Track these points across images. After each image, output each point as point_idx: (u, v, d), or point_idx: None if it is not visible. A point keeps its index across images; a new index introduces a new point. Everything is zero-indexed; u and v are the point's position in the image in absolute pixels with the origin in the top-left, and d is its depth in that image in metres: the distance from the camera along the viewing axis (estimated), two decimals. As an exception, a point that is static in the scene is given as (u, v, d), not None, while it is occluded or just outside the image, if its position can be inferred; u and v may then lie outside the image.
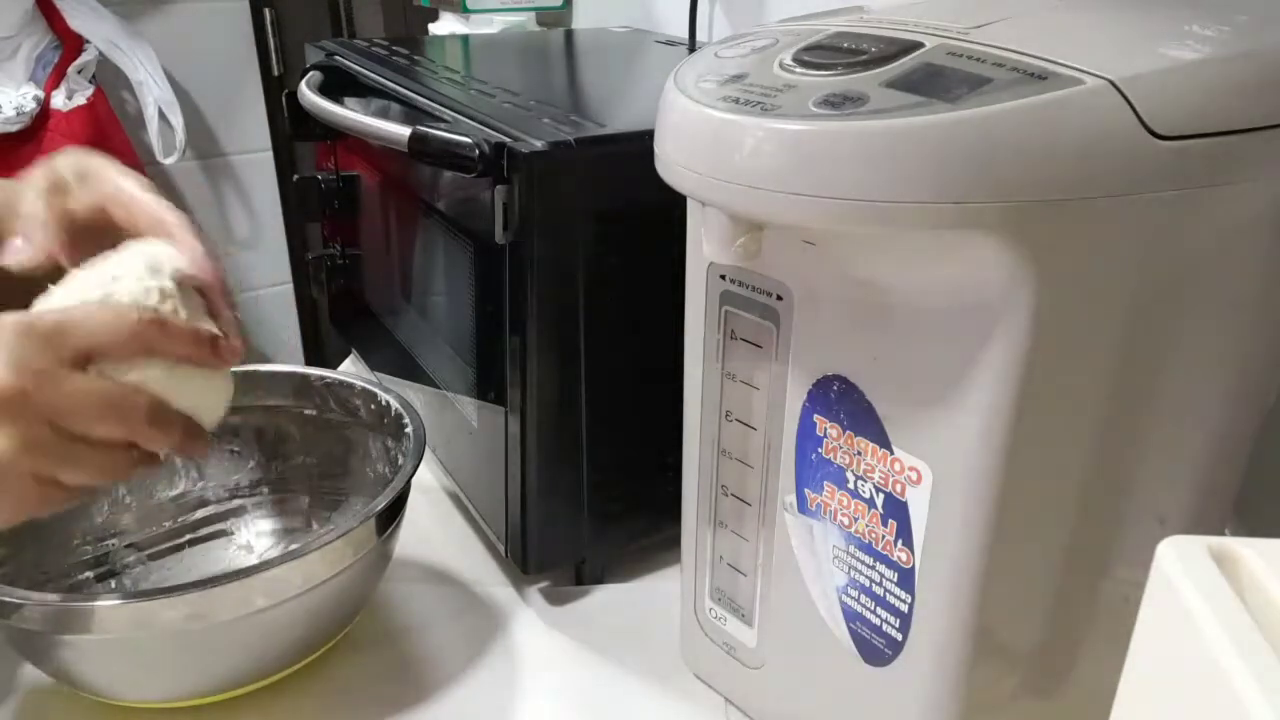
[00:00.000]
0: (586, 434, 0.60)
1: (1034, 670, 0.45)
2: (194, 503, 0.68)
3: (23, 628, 0.48)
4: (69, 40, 1.58)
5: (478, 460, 0.66)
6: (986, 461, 0.38)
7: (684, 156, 0.39)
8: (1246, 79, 0.36)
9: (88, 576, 0.63)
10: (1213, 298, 0.39)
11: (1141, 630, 0.25)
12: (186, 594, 0.48)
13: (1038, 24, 0.40)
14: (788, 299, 0.44)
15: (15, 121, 1.46)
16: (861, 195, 0.34)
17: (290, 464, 0.69)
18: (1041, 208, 0.34)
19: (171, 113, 1.68)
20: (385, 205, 0.77)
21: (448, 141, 0.55)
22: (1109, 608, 0.44)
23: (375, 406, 0.65)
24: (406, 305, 0.77)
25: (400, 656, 0.61)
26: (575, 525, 0.63)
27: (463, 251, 0.63)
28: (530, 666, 0.60)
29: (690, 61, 0.43)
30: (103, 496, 0.65)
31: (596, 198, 0.55)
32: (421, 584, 0.67)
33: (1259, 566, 0.24)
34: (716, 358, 0.49)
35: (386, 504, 0.55)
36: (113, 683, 0.53)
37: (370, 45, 0.85)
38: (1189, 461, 0.43)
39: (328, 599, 0.53)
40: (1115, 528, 0.43)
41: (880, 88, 0.35)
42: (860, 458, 0.43)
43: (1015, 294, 0.36)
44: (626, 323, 0.59)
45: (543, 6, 1.16)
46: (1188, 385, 0.41)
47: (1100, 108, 0.33)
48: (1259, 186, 0.37)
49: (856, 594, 0.46)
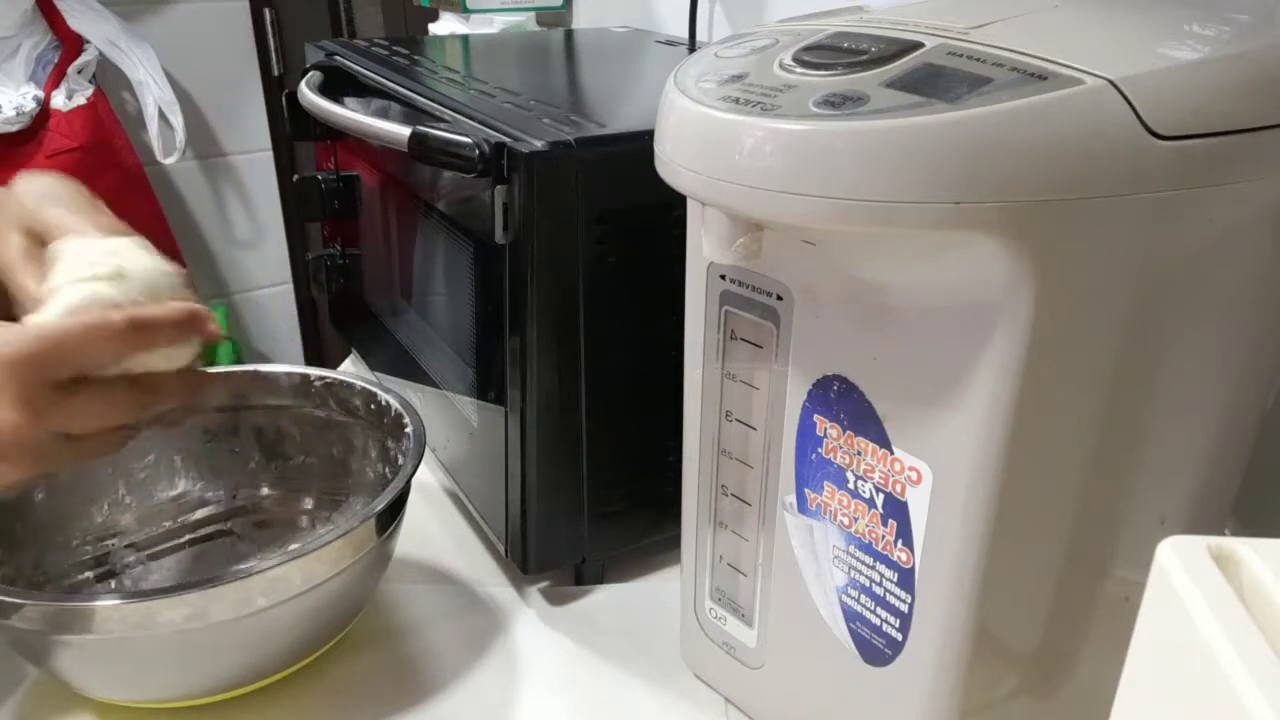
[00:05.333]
0: (586, 434, 0.60)
1: (1034, 670, 0.45)
2: (194, 503, 0.68)
3: (23, 628, 0.48)
4: (69, 40, 1.58)
5: (478, 460, 0.66)
6: (986, 461, 0.38)
7: (684, 156, 0.39)
8: (1246, 79, 0.36)
9: (88, 576, 0.63)
10: (1213, 298, 0.39)
11: (1141, 630, 0.25)
12: (186, 594, 0.48)
13: (1038, 24, 0.40)
14: (788, 299, 0.44)
15: (15, 121, 1.46)
16: (861, 195, 0.34)
17: (290, 464, 0.69)
18: (1041, 208, 0.34)
19: (171, 113, 1.68)
20: (385, 205, 0.77)
21: (448, 141, 0.55)
22: (1109, 608, 0.44)
23: (375, 406, 0.65)
24: (406, 305, 0.77)
25: (400, 656, 0.61)
26: (575, 525, 0.63)
27: (463, 251, 0.63)
28: (530, 666, 0.60)
29: (690, 61, 0.43)
30: (103, 496, 0.65)
31: (596, 198, 0.55)
32: (421, 584, 0.67)
33: (1259, 566, 0.24)
34: (716, 358, 0.49)
35: (386, 504, 0.55)
36: (113, 683, 0.53)
37: (370, 45, 0.85)
38: (1189, 461, 0.43)
39: (328, 599, 0.53)
40: (1115, 528, 0.43)
41: (880, 88, 0.35)
42: (860, 458, 0.43)
43: (1015, 294, 0.36)
44: (626, 323, 0.59)
45: (543, 6, 1.16)
46: (1188, 385, 0.41)
47: (1100, 108, 0.33)
48: (1259, 186, 0.37)
49: (856, 594, 0.46)
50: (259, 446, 0.69)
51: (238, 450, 0.68)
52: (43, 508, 0.62)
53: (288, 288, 2.05)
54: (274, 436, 0.68)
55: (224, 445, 0.68)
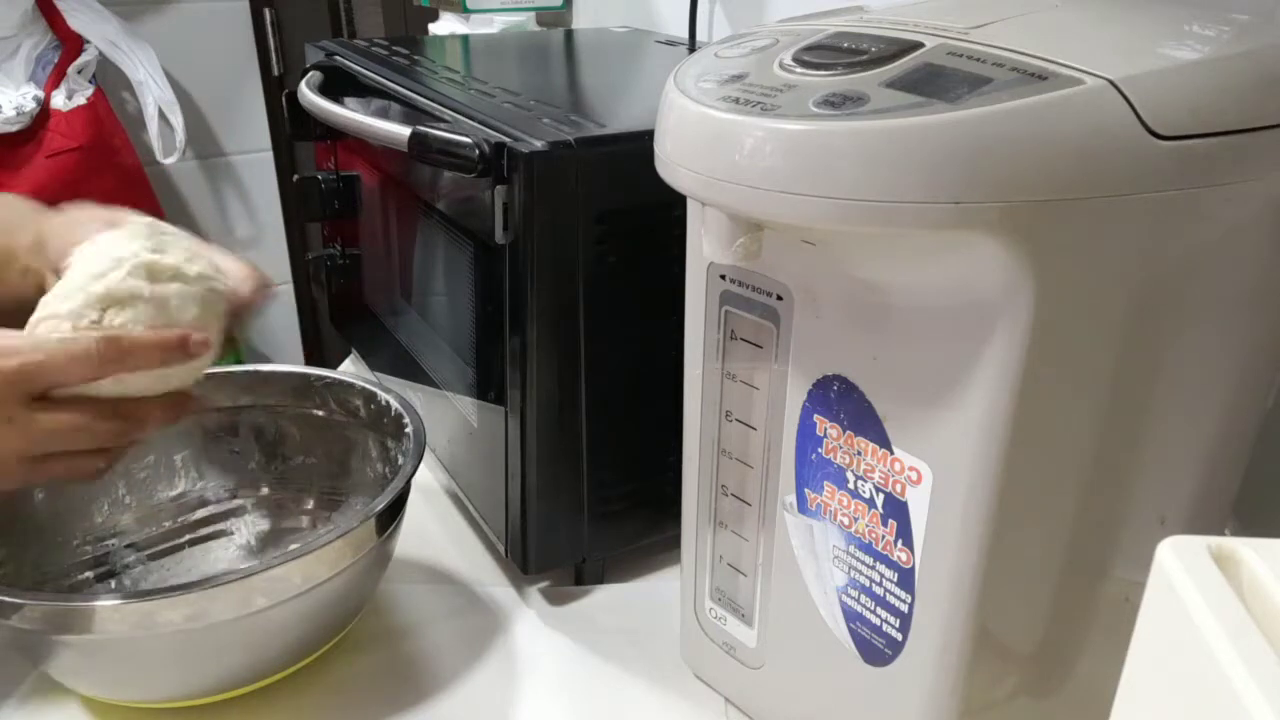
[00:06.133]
0: (586, 434, 0.60)
1: (1034, 670, 0.45)
2: (194, 503, 0.68)
3: (23, 628, 0.48)
4: (69, 40, 1.58)
5: (478, 460, 0.66)
6: (986, 461, 0.38)
7: (684, 156, 0.39)
8: (1246, 79, 0.36)
9: (88, 576, 0.63)
10: (1212, 298, 0.39)
11: (1141, 630, 0.25)
12: (186, 594, 0.48)
13: (1038, 24, 0.40)
14: (788, 299, 0.44)
15: (15, 121, 1.46)
16: (861, 195, 0.34)
17: (290, 464, 0.69)
18: (1041, 208, 0.34)
19: (171, 113, 1.68)
20: (385, 205, 0.77)
21: (448, 141, 0.55)
22: (1109, 608, 0.44)
23: (375, 406, 0.65)
24: (406, 305, 0.77)
25: (400, 656, 0.61)
26: (575, 525, 0.63)
27: (463, 251, 0.63)
28: (530, 666, 0.60)
29: (690, 61, 0.43)
30: (103, 496, 0.65)
31: (596, 198, 0.55)
32: (421, 584, 0.67)
33: (1259, 566, 0.24)
34: (716, 358, 0.49)
35: (386, 504, 0.55)
36: (113, 683, 0.53)
37: (370, 45, 0.85)
38: (1189, 461, 0.43)
39: (328, 599, 0.53)
40: (1115, 528, 0.43)
41: (880, 88, 0.35)
42: (860, 458, 0.43)
43: (1015, 294, 0.36)
44: (626, 323, 0.59)
45: (543, 6, 1.16)
46: (1187, 385, 0.41)
47: (1100, 108, 0.33)
48: (1259, 186, 0.37)
49: (856, 594, 0.46)
50: (259, 446, 0.69)
51: (238, 450, 0.68)
52: (43, 508, 0.62)
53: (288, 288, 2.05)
54: (274, 436, 0.68)
55: (224, 445, 0.68)
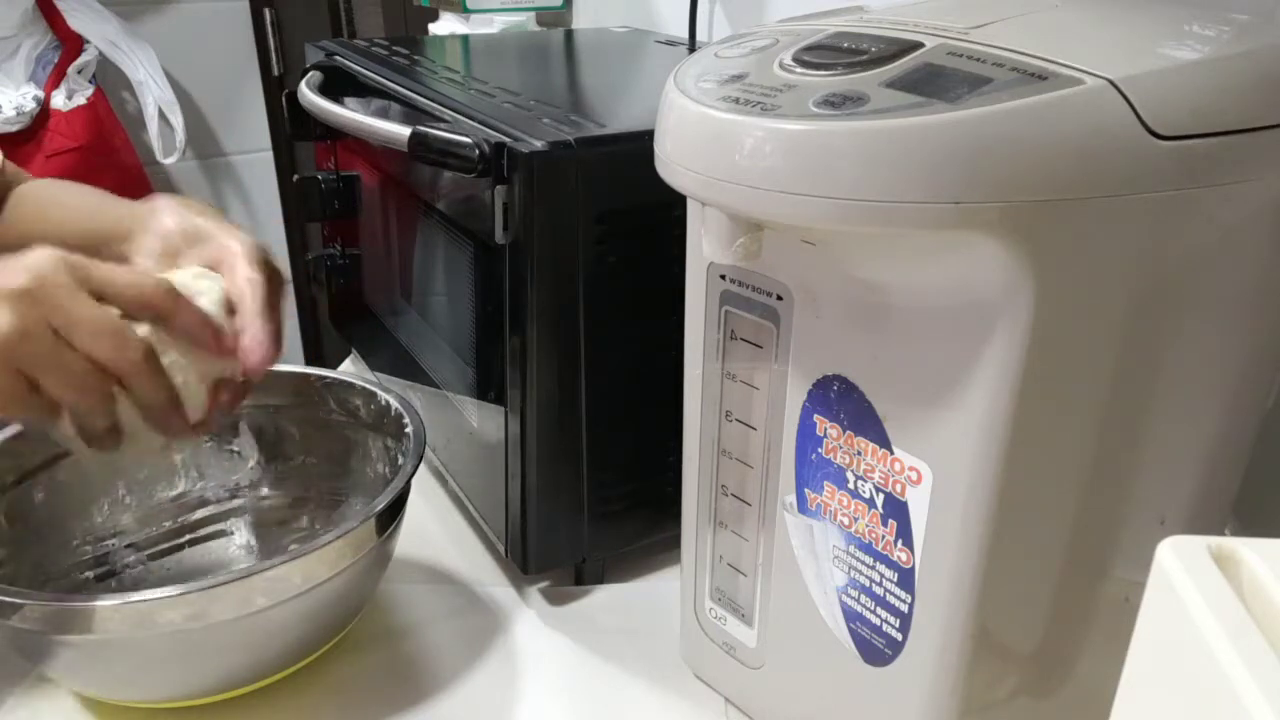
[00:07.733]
0: (586, 434, 0.60)
1: (1034, 670, 0.45)
2: (194, 503, 0.68)
3: (23, 628, 0.48)
4: (69, 40, 1.58)
5: (478, 460, 0.66)
6: (986, 461, 0.38)
7: (684, 156, 0.39)
8: (1246, 79, 0.36)
9: (88, 576, 0.63)
10: (1212, 298, 0.39)
11: (1141, 630, 0.25)
12: (186, 594, 0.48)
13: (1038, 24, 0.40)
14: (788, 299, 0.44)
15: (15, 121, 1.46)
16: (861, 195, 0.34)
17: (290, 464, 0.69)
18: (1041, 208, 0.34)
19: (171, 113, 1.68)
20: (385, 205, 0.77)
21: (448, 141, 0.55)
22: (1109, 608, 0.44)
23: (375, 406, 0.65)
24: (406, 305, 0.77)
25: (400, 656, 0.61)
26: (575, 525, 0.63)
27: (463, 251, 0.63)
28: (530, 666, 0.60)
29: (690, 61, 0.43)
30: (103, 496, 0.65)
31: (596, 198, 0.55)
32: (421, 584, 0.67)
33: (1259, 566, 0.24)
34: (716, 358, 0.49)
35: (386, 504, 0.55)
36: (113, 683, 0.53)
37: (370, 45, 0.85)
38: (1189, 461, 0.43)
39: (328, 599, 0.53)
40: (1115, 528, 0.43)
41: (880, 88, 0.35)
42: (860, 458, 0.43)
43: (1015, 294, 0.36)
44: (627, 323, 0.59)
45: (543, 6, 1.16)
46: (1187, 385, 0.41)
47: (1100, 108, 0.33)
48: (1259, 186, 0.37)
49: (856, 594, 0.46)
50: (259, 446, 0.69)
51: (238, 450, 0.68)
52: (43, 508, 0.61)
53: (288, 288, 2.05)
54: (274, 436, 0.68)
55: (224, 445, 0.68)
